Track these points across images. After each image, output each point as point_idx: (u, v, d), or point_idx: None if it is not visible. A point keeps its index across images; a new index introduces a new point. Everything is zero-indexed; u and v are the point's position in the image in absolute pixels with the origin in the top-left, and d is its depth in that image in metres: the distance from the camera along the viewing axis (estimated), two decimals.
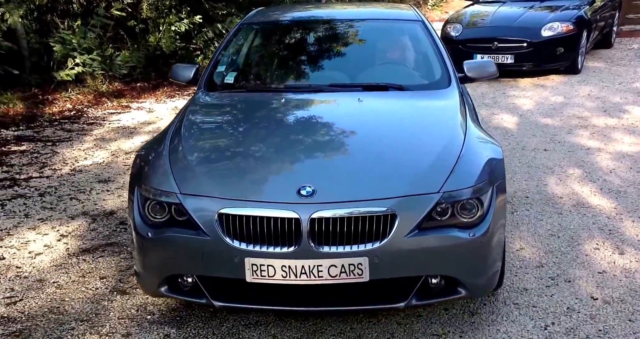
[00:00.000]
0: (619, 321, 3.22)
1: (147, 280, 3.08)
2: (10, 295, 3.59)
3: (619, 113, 7.38)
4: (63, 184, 5.44)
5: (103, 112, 8.11)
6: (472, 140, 3.36)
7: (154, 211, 2.97)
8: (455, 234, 2.86)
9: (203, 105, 4.14)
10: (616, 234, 4.22)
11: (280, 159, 3.19)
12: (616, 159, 5.80)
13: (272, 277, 2.78)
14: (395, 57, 4.78)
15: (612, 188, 5.06)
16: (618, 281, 3.61)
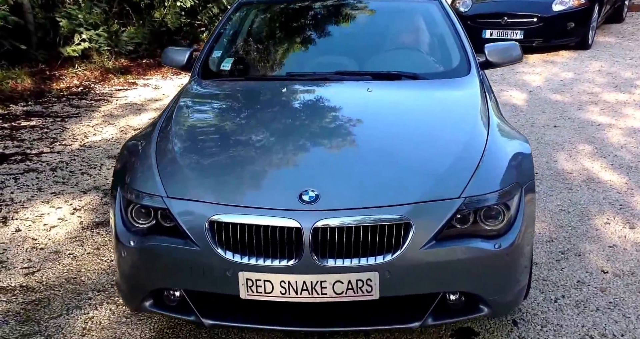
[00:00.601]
0: (630, 293, 3.28)
1: (129, 293, 2.77)
2: (28, 266, 3.67)
3: (630, 89, 7.38)
4: (74, 159, 5.50)
5: (110, 89, 8.15)
6: (496, 136, 2.99)
7: (138, 216, 2.66)
8: (478, 245, 2.52)
9: (196, 95, 3.78)
10: (627, 209, 4.27)
11: (280, 159, 2.86)
12: (627, 134, 5.83)
13: (269, 294, 2.48)
14: (408, 42, 4.35)
15: (623, 164, 5.10)
16: (629, 255, 3.66)
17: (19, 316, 3.16)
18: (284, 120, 3.31)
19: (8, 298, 3.32)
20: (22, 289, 3.41)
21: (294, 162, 2.86)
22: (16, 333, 3.02)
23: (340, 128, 3.19)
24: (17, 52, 8.14)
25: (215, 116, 3.51)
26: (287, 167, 2.82)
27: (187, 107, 3.52)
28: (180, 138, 3.04)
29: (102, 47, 8.81)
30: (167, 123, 3.20)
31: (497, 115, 3.32)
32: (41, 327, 3.06)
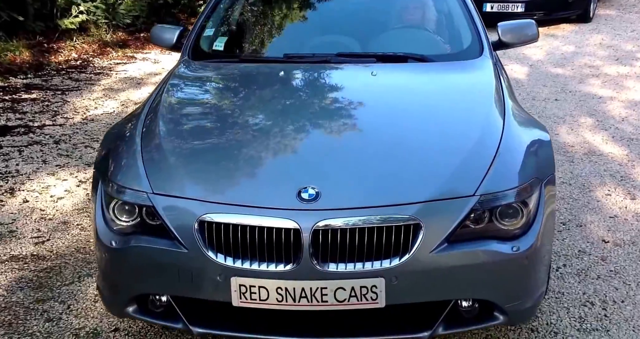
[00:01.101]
0: (630, 262, 3.38)
1: (110, 298, 2.58)
2: (37, 235, 3.75)
3: (631, 62, 7.44)
4: (76, 132, 5.55)
5: (109, 62, 8.16)
6: (512, 125, 2.78)
7: (120, 212, 2.46)
8: (494, 248, 2.32)
9: (185, 79, 3.53)
10: (628, 180, 4.35)
11: (277, 153, 2.67)
12: (628, 107, 5.90)
13: (264, 301, 2.29)
14: (415, 20, 4.07)
15: (624, 136, 5.18)
16: (629, 225, 3.76)
17: (32, 282, 3.24)
18: (281, 108, 3.06)
19: (20, 266, 3.41)
20: (33, 258, 3.49)
21: (293, 156, 2.66)
22: (30, 298, 3.11)
23: (342, 118, 2.95)
24: (14, 24, 8.12)
25: (206, 103, 3.26)
26: (284, 161, 2.62)
27: (176, 92, 3.27)
28: (168, 127, 2.82)
29: (99, 19, 8.79)
30: (154, 110, 2.98)
31: (513, 101, 3.11)
32: (54, 293, 3.14)
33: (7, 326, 2.90)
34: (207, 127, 2.96)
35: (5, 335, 2.84)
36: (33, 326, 2.90)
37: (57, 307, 3.04)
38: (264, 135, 2.77)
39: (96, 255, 2.60)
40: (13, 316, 2.97)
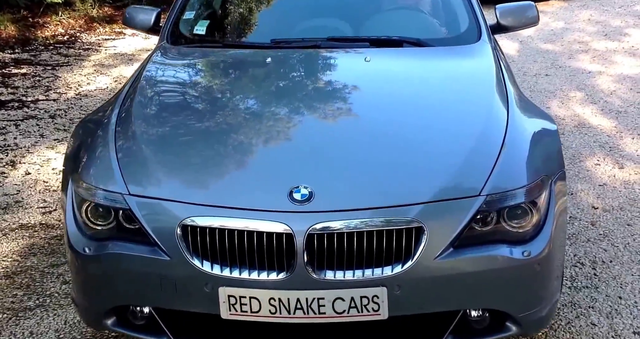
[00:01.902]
0: (618, 226, 3.62)
1: (86, 310, 2.40)
2: (44, 205, 3.91)
3: (619, 37, 7.68)
4: (71, 108, 5.68)
5: (97, 38, 8.25)
6: (517, 116, 2.63)
7: (94, 216, 2.27)
8: (503, 253, 2.18)
9: (164, 66, 3.32)
10: (616, 150, 4.60)
11: (266, 149, 2.51)
12: (617, 81, 6.14)
13: (256, 313, 2.12)
14: (410, 2, 3.92)
15: (613, 109, 5.42)
16: (617, 192, 4.00)
17: (44, 249, 3.42)
18: (269, 100, 2.90)
19: (30, 234, 3.58)
20: (42, 226, 3.66)
21: (283, 153, 2.48)
22: (44, 263, 3.29)
23: (335, 110, 2.79)
24: None
25: (186, 94, 3.07)
26: (274, 158, 2.43)
27: (153, 81, 3.05)
28: (145, 120, 2.65)
29: None
30: (129, 101, 2.78)
31: (515, 89, 2.96)
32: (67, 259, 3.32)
33: (25, 288, 3.08)
34: (187, 120, 2.74)
35: (25, 296, 3.02)
36: (50, 288, 3.08)
37: None
38: (251, 129, 2.61)
39: (68, 262, 2.43)
40: (30, 279, 3.15)
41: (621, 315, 2.85)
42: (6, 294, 3.03)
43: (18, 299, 2.99)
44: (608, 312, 2.88)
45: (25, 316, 2.87)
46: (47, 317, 2.86)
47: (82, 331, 2.76)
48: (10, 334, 2.77)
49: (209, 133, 2.64)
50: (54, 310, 2.91)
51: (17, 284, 3.11)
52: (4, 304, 2.95)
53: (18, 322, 2.83)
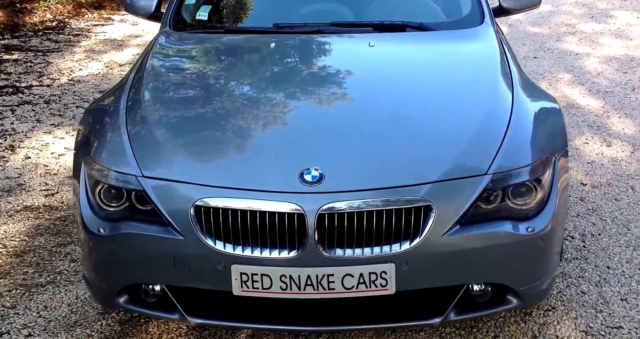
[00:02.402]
0: (606, 201, 3.79)
1: (99, 289, 2.49)
2: (46, 188, 4.02)
3: (605, 19, 7.85)
4: (65, 93, 5.77)
5: (86, 24, 8.30)
6: (522, 97, 2.73)
7: (107, 197, 2.37)
8: (508, 229, 2.29)
9: (169, 51, 3.42)
10: (604, 129, 4.77)
11: (276, 132, 2.61)
12: (603, 62, 6.31)
13: (267, 290, 2.23)
14: None
15: (600, 89, 5.59)
16: (605, 169, 4.17)
17: (49, 230, 3.53)
18: (276, 84, 2.99)
19: (35, 215, 3.69)
20: (46, 208, 3.77)
21: (293, 136, 2.56)
22: (52, 243, 3.40)
23: (342, 94, 2.88)
24: None
25: (194, 78, 3.14)
26: (284, 141, 2.51)
27: (160, 66, 3.15)
28: (155, 104, 2.74)
29: None
30: (137, 86, 2.87)
31: (519, 71, 3.05)
32: (73, 239, 3.44)
33: (35, 265, 3.20)
34: (197, 104, 2.83)
35: (35, 273, 3.14)
36: (59, 266, 3.20)
37: (78, 250, 3.32)
38: (260, 113, 2.70)
39: (81, 243, 2.51)
40: (39, 258, 3.27)
41: (609, 284, 3.02)
42: (17, 271, 3.15)
43: (29, 276, 3.11)
44: (597, 281, 3.04)
45: (38, 291, 3.00)
46: (59, 292, 2.99)
47: (94, 306, 2.88)
48: (25, 308, 2.89)
49: (218, 116, 2.73)
50: (65, 286, 3.03)
51: (27, 262, 3.23)
52: (16, 281, 3.07)
53: (31, 297, 2.96)
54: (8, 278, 3.10)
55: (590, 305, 2.87)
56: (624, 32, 7.33)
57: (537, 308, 2.83)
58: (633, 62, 6.28)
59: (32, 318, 2.83)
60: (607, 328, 2.73)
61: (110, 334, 2.72)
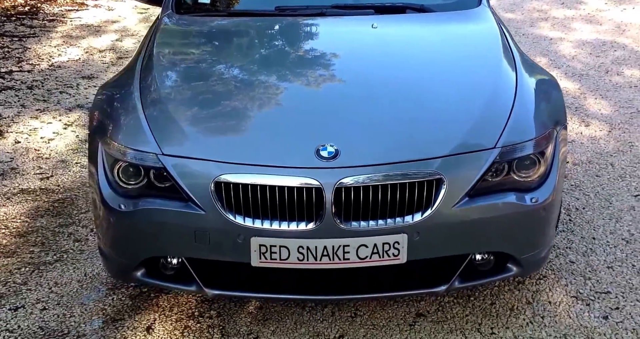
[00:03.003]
0: (588, 177, 4.00)
1: (117, 263, 2.60)
2: (40, 172, 4.07)
3: (575, 5, 8.09)
4: (47, 79, 5.78)
5: (59, 9, 8.24)
6: (524, 74, 2.87)
7: (126, 175, 2.46)
8: (513, 200, 2.42)
9: (175, 33, 3.51)
10: (582, 110, 4.98)
11: (290, 110, 2.71)
12: (577, 47, 6.55)
13: (284, 260, 2.34)
14: None
15: (575, 72, 5.81)
16: (585, 147, 4.38)
17: (49, 211, 3.60)
18: (287, 64, 3.09)
19: (33, 198, 3.75)
20: (42, 191, 3.83)
21: (307, 113, 2.66)
22: (54, 223, 3.48)
23: (352, 73, 2.99)
24: None
25: (204, 59, 3.24)
26: (299, 119, 2.61)
27: (168, 48, 3.24)
28: (168, 85, 2.85)
29: None
30: (148, 68, 2.94)
31: (518, 50, 3.18)
32: (74, 219, 3.51)
33: (40, 245, 3.28)
34: (210, 84, 2.93)
35: (42, 252, 3.22)
36: (64, 245, 3.28)
37: (81, 230, 3.42)
38: (273, 92, 2.83)
39: (99, 219, 2.57)
40: (43, 237, 3.34)
41: (595, 253, 3.22)
42: (23, 251, 3.22)
43: (36, 255, 3.19)
44: (584, 251, 3.24)
45: (47, 269, 3.08)
46: (68, 270, 3.08)
47: (103, 282, 2.98)
48: (36, 284, 2.98)
49: (232, 96, 2.81)
50: (72, 264, 3.12)
51: (31, 242, 3.30)
52: (24, 259, 3.15)
53: (41, 274, 3.04)
54: (15, 256, 3.18)
55: (578, 273, 3.06)
56: (594, 17, 7.58)
57: (530, 277, 3.01)
58: (605, 46, 6.52)
59: (45, 293, 2.92)
60: (596, 293, 2.93)
61: (123, 307, 2.82)
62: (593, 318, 2.77)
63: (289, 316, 2.78)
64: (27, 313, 2.80)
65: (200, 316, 2.78)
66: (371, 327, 2.72)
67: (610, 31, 7.03)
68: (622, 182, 3.90)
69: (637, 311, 2.81)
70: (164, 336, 2.67)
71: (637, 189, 3.81)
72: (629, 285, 2.97)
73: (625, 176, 3.97)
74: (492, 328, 2.71)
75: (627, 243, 3.29)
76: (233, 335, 2.67)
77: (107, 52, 6.61)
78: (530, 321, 2.75)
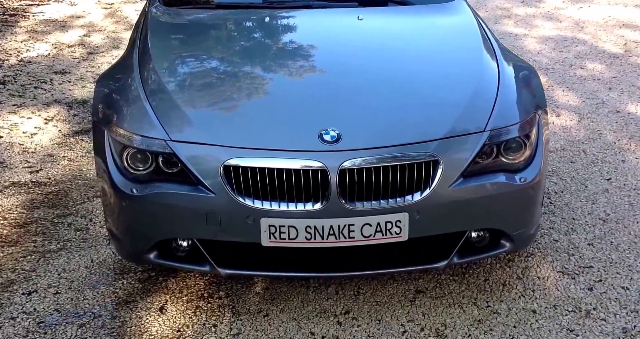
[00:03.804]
0: (563, 163, 4.27)
1: (129, 245, 2.73)
2: (29, 166, 4.13)
3: (535, 3, 8.47)
4: (18, 74, 5.79)
5: (20, 3, 8.21)
6: (505, 62, 3.09)
7: (134, 161, 2.58)
8: (504, 180, 2.64)
9: (167, 25, 3.60)
10: (551, 102, 5.28)
11: (291, 97, 2.84)
12: (541, 42, 6.88)
13: (293, 240, 2.49)
14: None
15: (542, 66, 6.13)
16: (558, 136, 4.66)
17: (44, 203, 3.68)
18: (283, 53, 3.27)
19: (25, 190, 3.82)
20: (34, 184, 3.90)
21: (307, 100, 2.80)
22: (51, 214, 3.56)
23: (346, 62, 3.13)
24: None
25: (199, 49, 3.35)
26: (300, 105, 2.76)
27: (163, 39, 3.36)
28: (168, 74, 2.96)
29: None
30: (145, 59, 3.07)
31: (497, 40, 3.39)
32: (71, 210, 3.60)
33: (42, 234, 3.36)
34: (210, 72, 3.08)
35: (45, 241, 3.31)
36: (66, 234, 3.37)
37: (80, 220, 3.51)
38: (274, 80, 3.01)
39: (110, 205, 2.69)
40: (43, 228, 3.43)
41: (576, 232, 3.48)
42: (25, 240, 3.31)
43: (39, 244, 3.28)
44: (565, 231, 3.49)
45: (52, 257, 3.18)
46: (74, 257, 3.18)
47: (110, 268, 3.10)
48: (45, 271, 3.08)
49: (234, 83, 2.96)
50: (77, 252, 3.22)
51: (32, 232, 3.39)
52: (28, 248, 3.24)
53: (48, 261, 3.14)
54: (18, 246, 3.26)
55: (563, 250, 3.31)
56: (553, 15, 7.95)
57: (518, 255, 3.25)
58: (567, 41, 6.88)
59: (55, 279, 3.03)
60: (580, 268, 3.18)
61: (133, 290, 2.95)
62: (579, 290, 3.01)
63: (295, 295, 2.94)
64: (41, 297, 2.90)
65: (210, 297, 2.92)
66: (374, 303, 2.91)
67: (570, 28, 7.39)
68: (594, 167, 4.19)
69: (619, 282, 3.07)
70: (177, 316, 2.81)
71: (608, 173, 4.10)
72: (609, 260, 3.23)
73: (597, 162, 4.26)
74: (487, 302, 2.93)
75: (604, 222, 3.56)
76: (244, 313, 2.83)
77: (77, 47, 6.64)
78: (522, 294, 2.98)
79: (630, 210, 3.67)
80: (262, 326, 2.76)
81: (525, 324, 2.79)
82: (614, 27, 7.33)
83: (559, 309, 2.88)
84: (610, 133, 4.69)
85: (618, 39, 6.94)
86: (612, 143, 4.51)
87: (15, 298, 2.90)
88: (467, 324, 2.79)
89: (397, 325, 2.78)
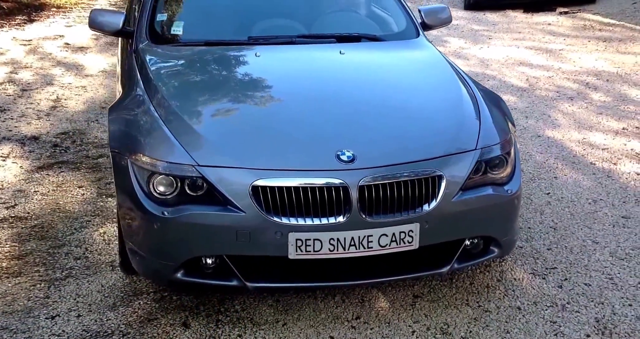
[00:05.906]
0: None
1: (158, 266, 2.85)
2: (2, 201, 4.07)
3: (442, 43, 9.14)
4: None
5: None
6: (476, 91, 3.45)
7: (159, 185, 2.75)
8: (496, 192, 2.97)
9: (163, 58, 3.74)
10: None
11: (304, 122, 3.07)
12: None
13: (317, 252, 2.71)
14: (350, 4, 4.68)
15: None
16: None
17: (32, 236, 3.66)
18: (286, 82, 3.51)
19: (8, 225, 3.77)
20: (14, 219, 3.86)
21: (320, 124, 3.05)
22: (44, 246, 3.55)
23: (346, 90, 3.40)
24: None
25: (202, 80, 3.52)
26: (314, 129, 3.01)
27: (163, 69, 3.55)
28: (181, 104, 3.12)
29: None
30: (152, 90, 3.24)
31: (462, 70, 3.75)
32: (63, 241, 3.60)
33: (42, 265, 3.36)
34: (217, 101, 3.33)
35: (48, 270, 3.31)
36: (67, 263, 3.38)
37: (76, 250, 3.52)
38: (285, 108, 3.24)
39: (137, 228, 2.84)
40: (41, 258, 3.42)
41: (534, 239, 3.85)
42: (28, 271, 3.29)
43: (43, 273, 3.27)
44: (526, 238, 3.87)
45: (62, 284, 3.19)
46: (83, 283, 3.20)
47: (122, 290, 3.15)
48: (59, 297, 3.10)
49: (247, 112, 3.21)
50: (84, 278, 3.25)
51: (32, 263, 3.37)
52: (34, 278, 3.23)
53: (59, 288, 3.16)
54: (23, 276, 3.24)
55: (528, 255, 3.67)
56: (460, 53, 8.61)
57: (492, 261, 3.57)
58: (478, 77, 7.46)
59: (72, 303, 3.06)
60: (546, 269, 3.54)
61: (152, 309, 3.03)
62: (551, 288, 3.36)
63: (305, 305, 3.11)
64: (65, 320, 2.93)
65: (227, 311, 3.04)
66: (380, 309, 3.13)
67: (478, 65, 8.04)
68: (533, 183, 4.63)
69: (581, 280, 3.44)
70: (202, 329, 2.91)
71: (546, 188, 4.55)
72: (568, 261, 3.62)
73: (535, 179, 4.71)
74: (477, 302, 3.22)
75: (554, 230, 3.96)
76: (263, 324, 2.97)
77: (7, 85, 6.56)
78: (505, 294, 3.29)
79: (572, 219, 4.10)
80: (284, 334, 2.91)
81: (514, 320, 3.09)
82: (514, 65, 8.04)
83: (539, 305, 3.21)
84: (538, 154, 5.18)
85: (520, 75, 7.62)
86: (542, 163, 5.00)
87: (40, 322, 2.90)
88: (466, 322, 3.06)
89: (406, 326, 3.01)
